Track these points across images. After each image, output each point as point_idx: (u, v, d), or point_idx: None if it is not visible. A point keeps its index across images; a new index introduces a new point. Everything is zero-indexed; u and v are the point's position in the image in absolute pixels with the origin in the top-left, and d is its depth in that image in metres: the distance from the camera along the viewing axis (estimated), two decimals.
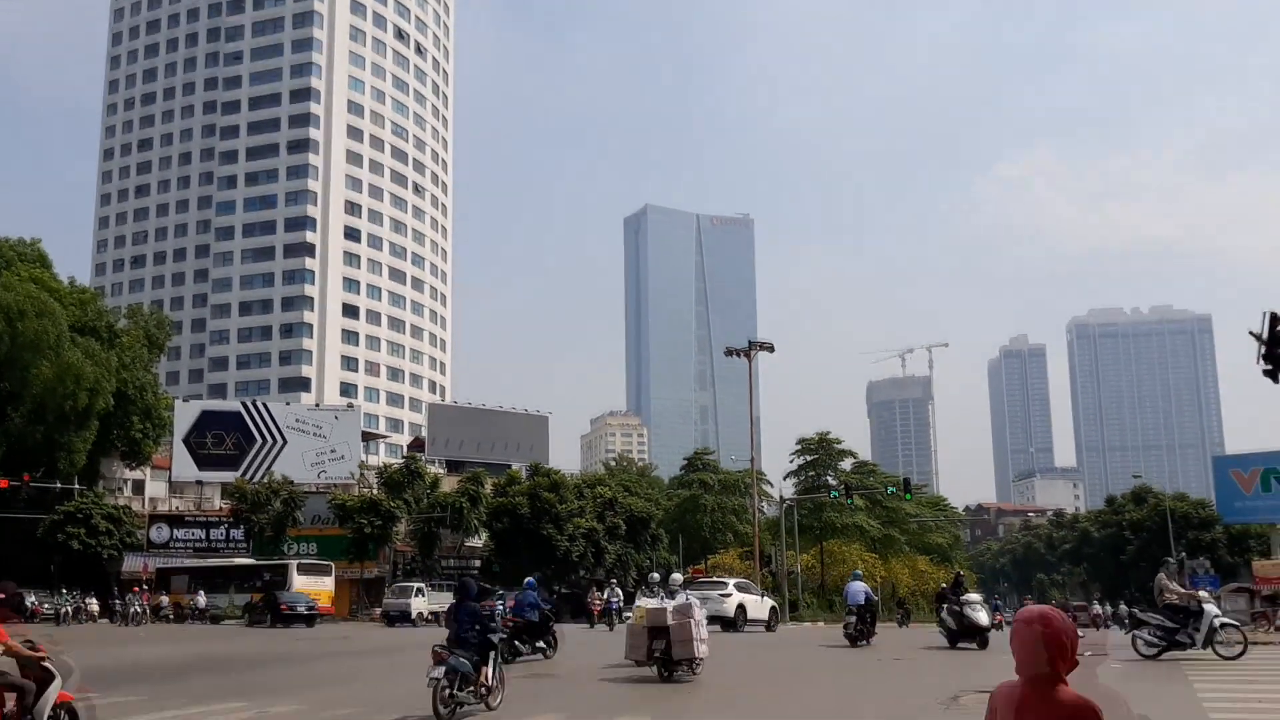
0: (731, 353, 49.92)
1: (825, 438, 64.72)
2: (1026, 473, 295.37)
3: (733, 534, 64.03)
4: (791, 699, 14.48)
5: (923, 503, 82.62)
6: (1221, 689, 14.55)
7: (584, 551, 63.93)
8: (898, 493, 54.12)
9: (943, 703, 13.57)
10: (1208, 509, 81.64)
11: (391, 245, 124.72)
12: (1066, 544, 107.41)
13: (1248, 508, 51.33)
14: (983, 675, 16.76)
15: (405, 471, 64.03)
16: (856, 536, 61.41)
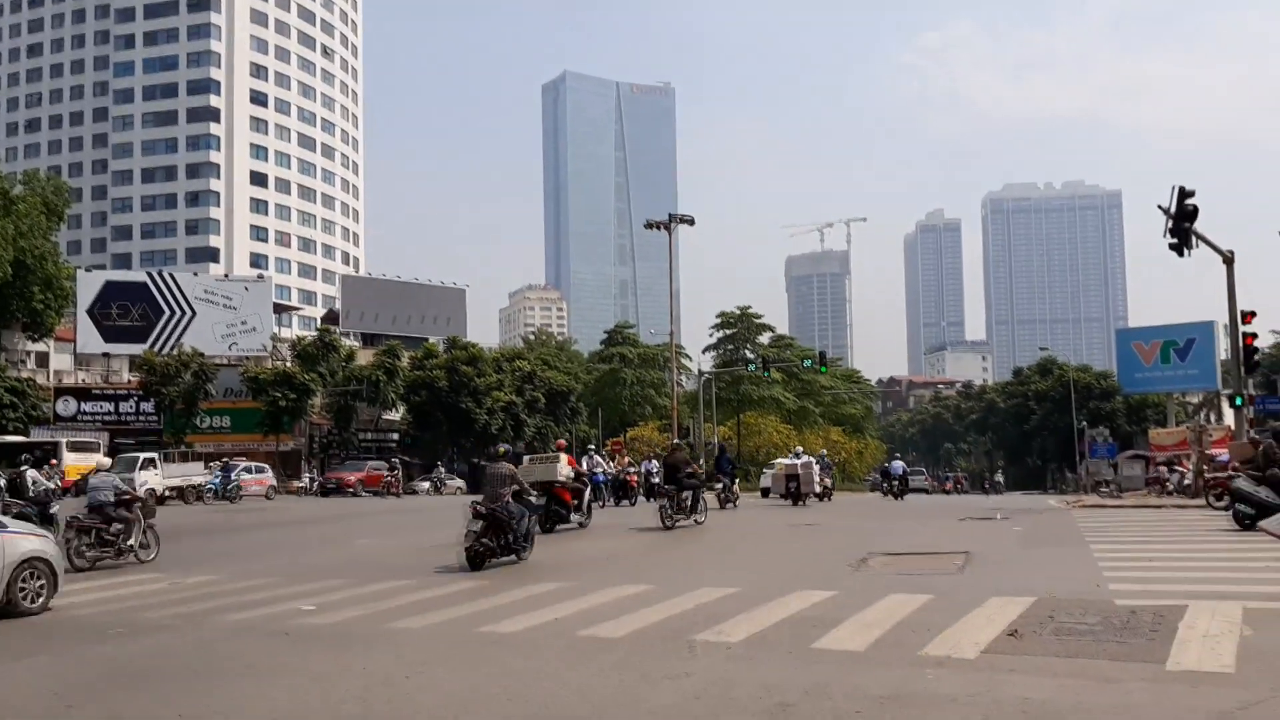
0: (651, 225, 49.41)
1: (745, 312, 65.12)
2: (938, 346, 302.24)
3: (651, 407, 64.53)
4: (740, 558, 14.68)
5: (837, 376, 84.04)
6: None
7: (503, 425, 64.04)
8: (814, 366, 54.76)
9: (852, 565, 13.88)
10: (1109, 380, 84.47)
11: (300, 110, 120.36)
12: (974, 414, 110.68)
13: (1147, 379, 53.03)
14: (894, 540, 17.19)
15: (319, 344, 63.04)
16: (773, 409, 62.38)
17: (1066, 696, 6.70)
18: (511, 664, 8.15)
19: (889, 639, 8.62)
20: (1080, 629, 8.88)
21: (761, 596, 10.93)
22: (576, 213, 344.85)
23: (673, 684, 7.30)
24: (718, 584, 12.09)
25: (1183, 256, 25.57)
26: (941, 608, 10.00)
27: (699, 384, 58.36)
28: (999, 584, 11.62)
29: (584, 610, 10.55)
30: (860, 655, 8.10)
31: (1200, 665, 7.37)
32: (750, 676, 7.45)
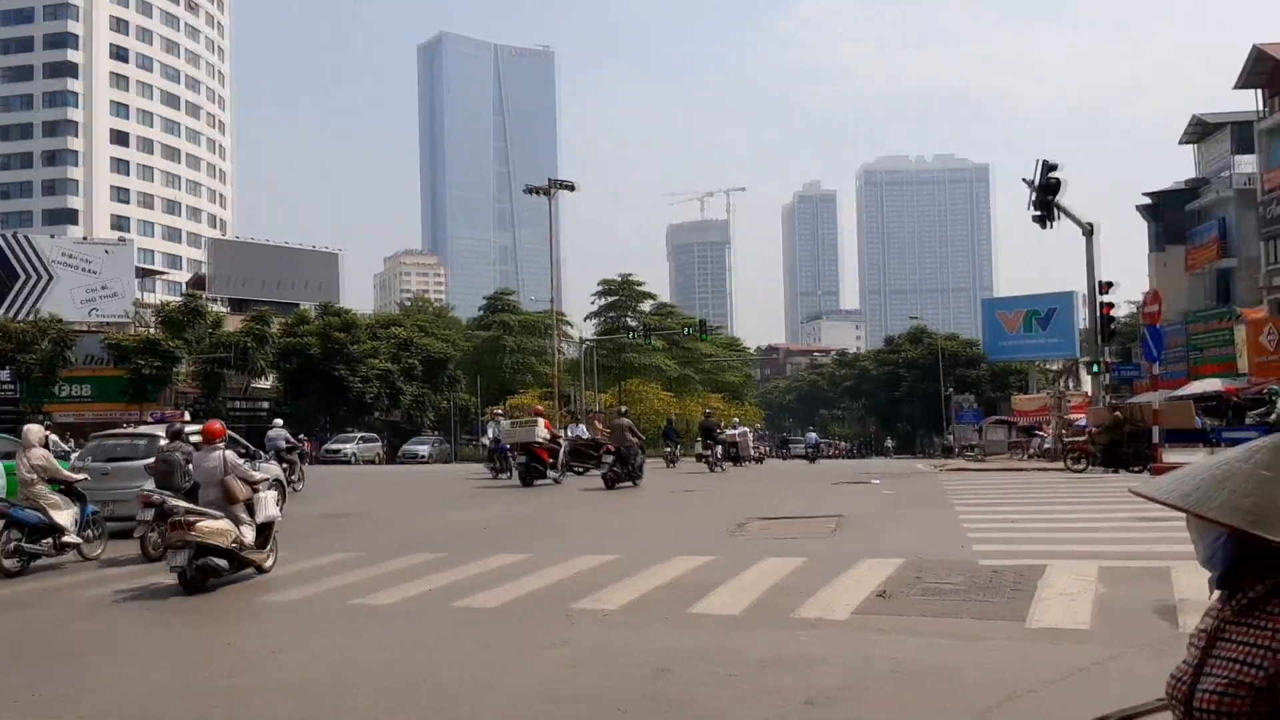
0: (531, 190, 48.96)
1: (627, 280, 65.13)
2: (815, 314, 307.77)
3: (532, 375, 64.12)
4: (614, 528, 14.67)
5: (718, 343, 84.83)
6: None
7: (379, 393, 62.95)
8: (694, 334, 55.21)
9: (730, 530, 14.06)
10: (975, 348, 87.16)
11: (164, 67, 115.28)
12: (847, 381, 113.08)
13: (1011, 346, 54.81)
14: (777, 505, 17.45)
15: (185, 310, 60.82)
16: (655, 376, 62.65)
17: (933, 655, 6.90)
18: (383, 636, 8.01)
19: (764, 602, 8.75)
20: (946, 589, 9.16)
21: (641, 563, 10.98)
22: (455, 177, 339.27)
23: (549, 653, 7.27)
24: (598, 551, 12.11)
25: (1046, 228, 26.51)
26: (815, 570, 10.20)
27: (581, 352, 58.24)
28: (869, 546, 11.91)
29: (460, 581, 10.43)
30: (736, 619, 8.20)
31: (1059, 623, 7.67)
32: (628, 643, 7.47)
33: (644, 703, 6.01)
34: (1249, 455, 2.07)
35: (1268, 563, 2.07)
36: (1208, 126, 51.83)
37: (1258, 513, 1.96)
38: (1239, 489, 2.00)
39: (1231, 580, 2.12)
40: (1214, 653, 2.10)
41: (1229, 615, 2.11)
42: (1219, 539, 2.08)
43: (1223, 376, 41.76)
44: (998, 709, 5.66)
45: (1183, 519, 2.11)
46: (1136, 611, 8.10)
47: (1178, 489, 2.07)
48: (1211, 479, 2.04)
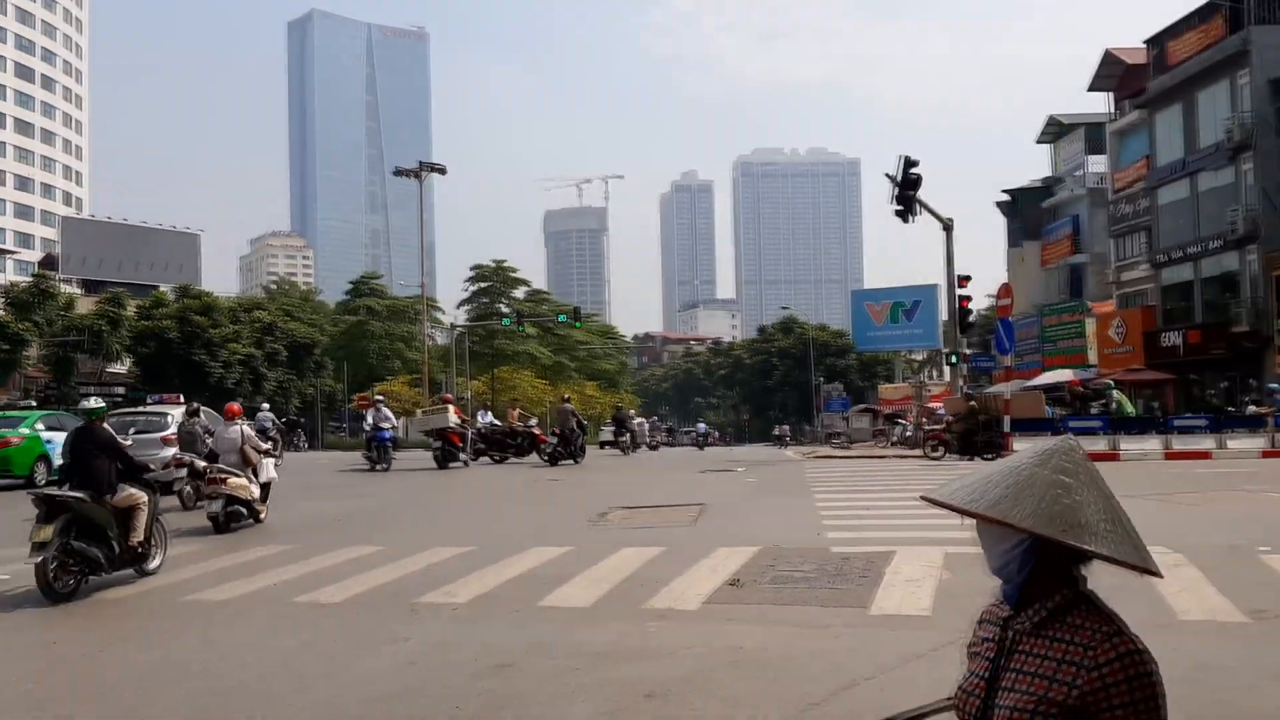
0: (401, 173, 48.00)
1: (500, 265, 64.48)
2: (691, 303, 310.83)
3: (401, 361, 62.91)
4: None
5: (593, 331, 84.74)
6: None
7: (240, 378, 61.01)
8: (568, 321, 54.94)
9: (591, 520, 13.96)
10: (845, 338, 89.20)
11: (17, 38, 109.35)
12: (722, 370, 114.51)
13: (878, 337, 55.92)
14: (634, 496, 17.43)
15: (34, 291, 57.82)
16: (528, 363, 62.21)
17: (777, 644, 6.91)
18: (212, 635, 7.66)
19: (616, 594, 8.67)
20: (797, 577, 9.22)
21: (496, 555, 10.78)
22: (325, 158, 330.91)
23: (388, 649, 7.05)
24: (454, 543, 11.87)
25: (908, 222, 27.17)
26: (670, 560, 10.16)
27: (451, 338, 57.39)
28: (728, 535, 11.95)
29: (305, 575, 10.08)
30: (586, 611, 8.09)
31: (900, 609, 7.77)
32: (472, 638, 7.30)
33: (480, 699, 5.86)
34: (1044, 459, 2.00)
35: (1062, 572, 2.01)
36: (1063, 127, 53.85)
37: (1068, 521, 1.90)
38: (1045, 496, 1.92)
39: (1025, 590, 2.05)
40: (1010, 667, 2.02)
41: (1026, 627, 2.03)
42: (1017, 547, 2.00)
43: (1074, 368, 43.50)
44: (833, 698, 5.67)
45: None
46: (977, 597, 8.13)
47: (979, 496, 1.98)
48: (1015, 485, 1.95)
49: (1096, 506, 1.94)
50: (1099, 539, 1.89)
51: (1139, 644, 1.94)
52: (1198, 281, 40.58)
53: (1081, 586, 2.03)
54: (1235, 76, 37.73)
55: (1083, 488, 1.95)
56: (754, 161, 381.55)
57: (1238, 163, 37.77)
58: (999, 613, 2.13)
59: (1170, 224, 41.72)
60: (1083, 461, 2.00)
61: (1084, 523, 1.90)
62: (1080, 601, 2.00)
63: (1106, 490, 1.99)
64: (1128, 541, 1.92)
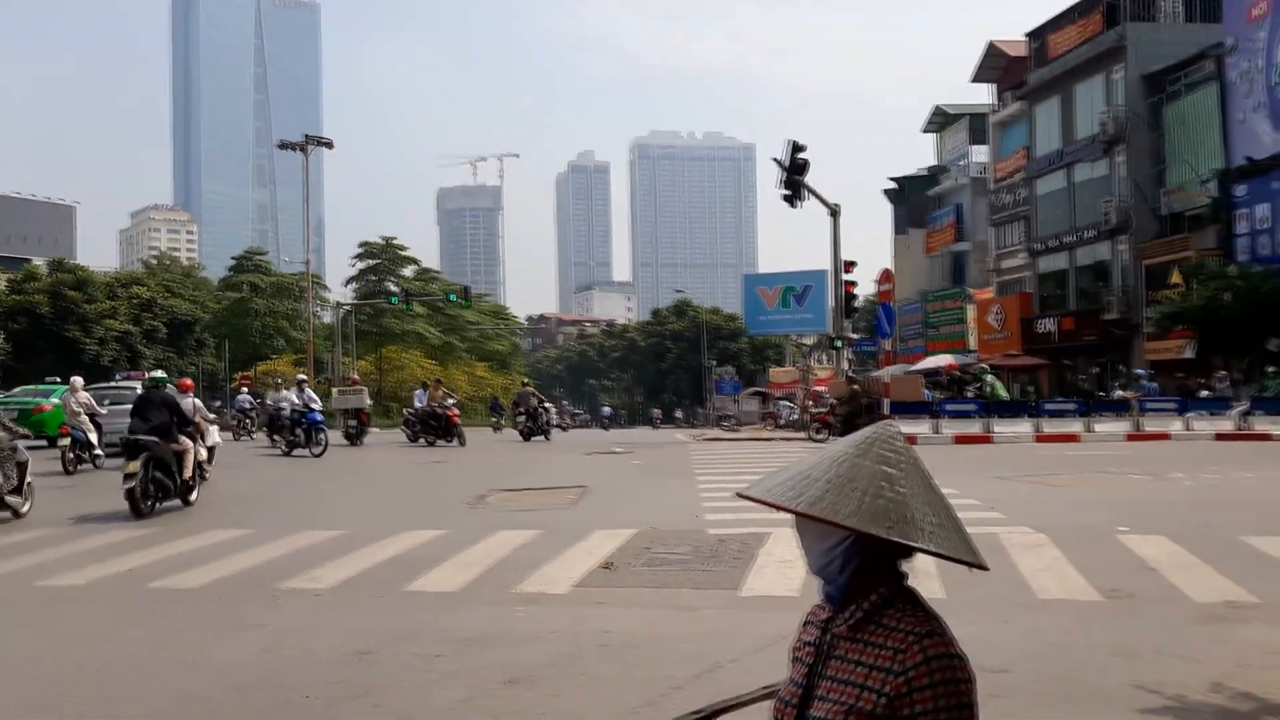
0: (286, 146, 46.74)
1: (389, 243, 63.30)
2: (587, 285, 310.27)
3: (285, 340, 61.34)
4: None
5: (484, 311, 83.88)
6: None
7: (117, 356, 58.85)
8: (458, 301, 54.22)
9: (469, 502, 13.76)
10: (737, 322, 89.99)
11: None
12: (616, 352, 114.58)
13: (769, 321, 56.35)
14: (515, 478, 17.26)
15: None
16: (416, 343, 61.28)
17: (646, 627, 6.87)
18: (60, 622, 7.30)
19: (486, 578, 8.53)
20: (671, 559, 9.21)
21: (367, 538, 10.53)
22: (211, 130, 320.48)
23: (244, 637, 6.81)
24: (325, 525, 11.57)
25: (795, 207, 27.47)
26: (545, 543, 10.06)
27: (337, 317, 56.18)
28: (606, 517, 11.89)
29: (165, 559, 9.70)
30: (454, 596, 7.94)
31: (770, 590, 7.80)
32: (333, 624, 7.10)
33: (334, 688, 5.68)
34: (865, 448, 1.87)
35: (884, 568, 1.89)
36: (948, 117, 55.12)
37: (896, 517, 1.78)
38: (869, 490, 1.79)
39: (848, 590, 1.91)
40: (826, 674, 1.89)
41: (842, 630, 1.90)
42: (839, 545, 1.87)
43: (955, 353, 44.68)
44: (695, 680, 5.64)
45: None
46: None
47: (799, 492, 1.82)
48: (837, 480, 1.81)
49: (921, 498, 1.83)
50: (925, 534, 1.78)
51: (953, 647, 1.83)
52: (1072, 270, 42.01)
53: (905, 582, 1.91)
54: (1111, 71, 39.05)
55: (906, 479, 1.83)
56: (651, 144, 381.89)
57: (1112, 155, 39.15)
58: (820, 615, 1.99)
59: (1047, 214, 43.08)
60: (904, 449, 1.89)
61: (910, 517, 1.79)
62: (899, 599, 1.88)
63: (930, 479, 1.88)
64: (955, 534, 1.82)
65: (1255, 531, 10.01)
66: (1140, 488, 14.44)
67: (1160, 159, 37.66)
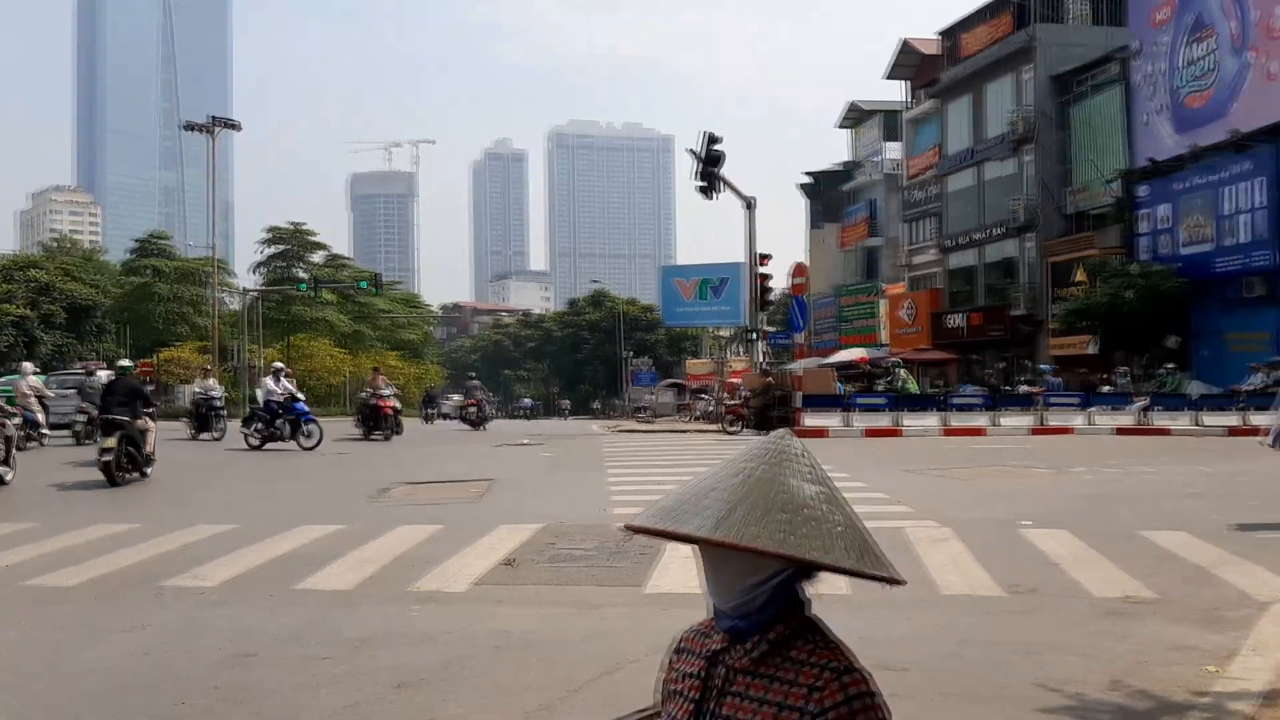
0: (191, 127, 45.46)
1: (298, 228, 61.92)
2: (503, 274, 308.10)
3: (189, 326, 59.62)
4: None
5: (396, 299, 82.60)
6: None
7: (14, 341, 56.65)
8: (368, 288, 53.21)
9: (371, 496, 13.40)
10: (654, 313, 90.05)
11: None
12: (532, 342, 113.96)
13: (686, 313, 56.61)
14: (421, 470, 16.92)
15: None
16: (326, 331, 60.09)
17: (545, 626, 6.67)
18: None
19: (382, 575, 8.24)
20: (575, 555, 9.01)
21: (261, 533, 10.14)
22: (115, 109, 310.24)
23: (122, 638, 6.46)
24: (219, 519, 11.12)
25: (710, 199, 27.42)
26: (447, 539, 9.79)
27: (243, 303, 54.72)
28: (512, 511, 11.65)
29: (44, 555, 9.22)
30: (347, 594, 7.65)
31: (675, 587, 7.64)
32: (218, 624, 6.78)
33: (212, 693, 5.40)
34: (765, 454, 1.66)
35: (788, 595, 1.68)
36: (862, 113, 55.70)
37: (859, 548, 1.60)
38: (822, 518, 1.59)
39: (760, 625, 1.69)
40: (722, 714, 1.68)
41: (743, 664, 1.68)
42: (775, 578, 1.64)
43: (867, 347, 45.27)
44: (593, 683, 5.47)
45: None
46: None
47: (704, 518, 1.59)
48: (747, 501, 1.59)
49: (857, 518, 1.65)
50: (873, 557, 1.62)
51: (872, 684, 1.65)
52: (981, 266, 42.78)
53: (807, 610, 1.71)
54: (1020, 71, 39.77)
55: (839, 499, 1.65)
56: (569, 133, 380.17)
57: (1020, 154, 39.90)
58: (706, 644, 1.76)
59: (957, 211, 43.78)
60: (816, 461, 1.70)
61: (867, 544, 1.62)
62: (806, 630, 1.69)
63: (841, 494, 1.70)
64: (870, 548, 1.64)
65: (1153, 526, 10.17)
66: (1043, 481, 14.65)
67: (1067, 158, 38.49)
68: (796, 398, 25.16)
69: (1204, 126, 31.76)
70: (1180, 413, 25.10)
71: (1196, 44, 32.41)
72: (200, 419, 24.50)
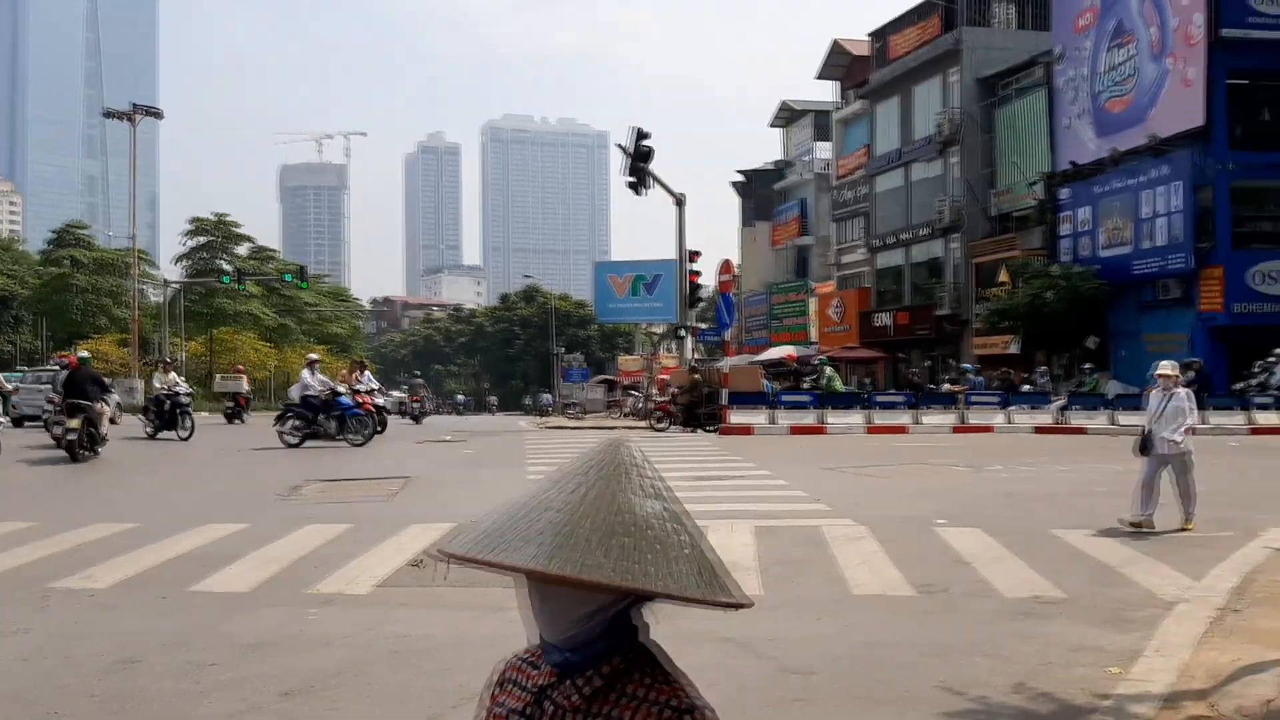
0: (111, 115, 44.31)
1: (222, 219, 60.65)
2: (436, 268, 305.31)
3: (109, 318, 58.06)
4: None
5: (323, 293, 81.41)
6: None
7: None
8: (294, 281, 52.25)
9: (281, 494, 13.07)
10: (587, 309, 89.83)
11: None
12: (463, 337, 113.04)
13: (619, 309, 56.40)
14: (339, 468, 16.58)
15: None
16: (250, 324, 58.95)
17: (448, 630, 6.49)
18: None
19: (283, 577, 7.98)
20: None
21: (162, 532, 9.80)
22: (38, 97, 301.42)
23: (2, 643, 6.15)
24: (119, 518, 10.74)
25: (639, 194, 27.33)
26: (354, 539, 9.55)
27: (165, 295, 53.44)
28: (425, 510, 11.41)
29: None
30: (244, 597, 7.40)
31: None
32: (104, 629, 6.50)
33: (89, 703, 5.17)
34: (600, 466, 1.47)
35: (621, 626, 1.50)
36: (794, 112, 56.00)
37: (708, 574, 1.41)
38: (670, 542, 1.41)
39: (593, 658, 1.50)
40: None
41: (575, 701, 1.50)
42: (612, 609, 1.46)
43: (797, 344, 45.53)
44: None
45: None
46: None
47: (536, 545, 1.37)
48: (585, 524, 1.39)
49: (704, 538, 1.47)
50: (722, 582, 1.42)
51: (713, 716, 1.49)
52: (908, 266, 43.23)
53: (642, 635, 1.52)
54: (948, 73, 40.23)
55: (686, 516, 1.47)
56: (504, 127, 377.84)
57: (946, 156, 40.37)
58: (534, 677, 1.57)
59: (885, 211, 44.20)
60: (657, 471, 1.51)
61: (715, 569, 1.43)
62: (643, 661, 1.51)
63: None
64: (716, 572, 1.44)
65: (1066, 524, 10.26)
66: (961, 480, 14.75)
67: (992, 161, 39.02)
68: (723, 395, 25.14)
69: (1124, 131, 32.38)
70: (1097, 412, 25.52)
71: (1118, 49, 33.02)
72: (162, 416, 22.37)
